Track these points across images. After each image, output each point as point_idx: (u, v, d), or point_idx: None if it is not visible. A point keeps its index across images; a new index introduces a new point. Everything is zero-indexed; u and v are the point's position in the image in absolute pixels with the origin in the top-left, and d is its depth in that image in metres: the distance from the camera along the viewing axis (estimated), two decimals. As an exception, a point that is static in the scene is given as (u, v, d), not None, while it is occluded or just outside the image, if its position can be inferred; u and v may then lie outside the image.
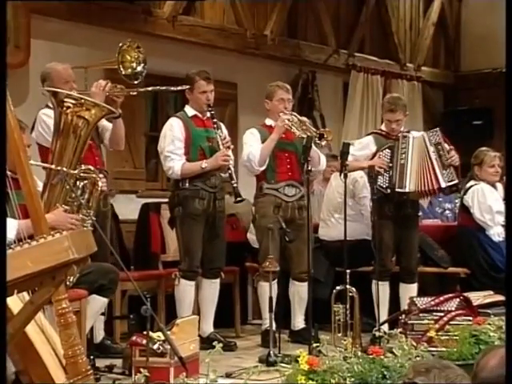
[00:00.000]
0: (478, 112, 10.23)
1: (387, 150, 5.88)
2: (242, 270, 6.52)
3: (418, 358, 3.90)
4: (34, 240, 2.61)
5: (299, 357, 3.38)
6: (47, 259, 2.57)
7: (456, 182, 5.84)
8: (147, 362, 3.64)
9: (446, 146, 5.84)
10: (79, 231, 2.88)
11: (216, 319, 5.77)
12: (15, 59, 6.04)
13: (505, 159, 5.84)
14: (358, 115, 9.09)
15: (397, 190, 5.74)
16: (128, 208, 6.73)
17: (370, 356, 3.77)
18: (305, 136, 5.47)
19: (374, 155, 5.91)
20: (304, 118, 5.75)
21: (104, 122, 5.32)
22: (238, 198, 5.45)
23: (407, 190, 5.75)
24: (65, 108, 4.09)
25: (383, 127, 6.04)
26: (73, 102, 4.11)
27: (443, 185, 5.78)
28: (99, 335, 5.19)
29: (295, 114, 5.78)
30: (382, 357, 3.79)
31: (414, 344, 4.03)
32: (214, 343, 3.25)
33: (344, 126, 9.03)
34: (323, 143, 5.51)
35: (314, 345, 3.80)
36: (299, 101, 8.42)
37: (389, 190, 5.76)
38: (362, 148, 5.97)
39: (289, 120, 5.63)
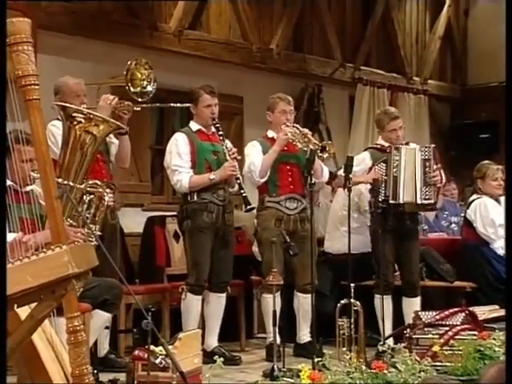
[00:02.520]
0: (484, 125, 10.22)
1: (382, 163, 5.88)
2: (247, 283, 6.51)
3: (422, 373, 3.89)
4: (34, 254, 2.62)
5: (301, 371, 3.37)
6: (47, 273, 2.57)
7: (431, 201, 5.82)
8: (148, 377, 3.63)
9: (434, 165, 5.83)
10: (80, 245, 2.86)
11: (221, 333, 5.76)
12: (22, 74, 6.06)
13: (505, 169, 5.82)
14: (364, 129, 9.09)
15: (391, 201, 5.73)
16: (133, 221, 6.73)
17: (373, 371, 3.75)
18: (307, 148, 5.49)
19: (370, 170, 5.93)
20: (306, 130, 5.75)
21: (112, 138, 5.35)
22: (249, 206, 5.46)
23: (401, 201, 5.74)
24: (75, 123, 4.11)
25: (380, 141, 6.05)
26: (82, 116, 4.13)
27: (419, 201, 5.77)
28: (103, 349, 5.20)
29: (297, 125, 5.79)
30: (386, 372, 3.78)
31: (418, 359, 4.01)
32: (215, 357, 3.24)
33: (350, 139, 9.03)
34: (325, 156, 5.51)
35: (316, 359, 3.78)
36: (305, 114, 8.44)
37: (385, 204, 5.75)
38: (359, 163, 5.95)
39: (291, 133, 5.64)
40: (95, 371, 4.53)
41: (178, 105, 5.57)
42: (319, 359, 3.70)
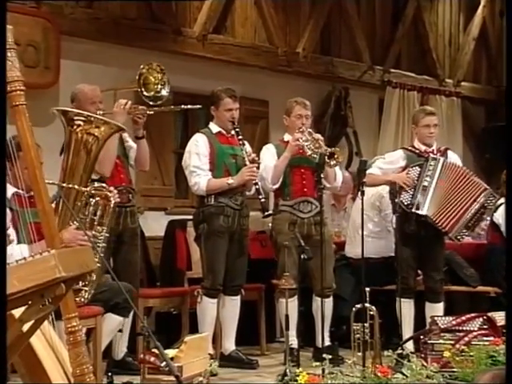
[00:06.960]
0: (520, 127, 10.04)
1: (417, 167, 5.80)
2: (269, 287, 6.50)
3: (428, 380, 3.86)
4: (22, 259, 2.65)
5: (298, 376, 3.36)
6: (33, 278, 2.58)
7: (456, 242, 5.87)
8: (144, 380, 3.66)
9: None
10: (73, 249, 2.90)
11: (242, 337, 5.77)
12: (45, 80, 6.17)
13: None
14: (393, 132, 9.00)
15: (413, 210, 5.67)
16: (156, 225, 6.78)
17: (376, 376, 3.72)
18: (316, 155, 5.47)
19: (403, 170, 5.86)
20: (318, 136, 5.72)
21: (130, 142, 5.40)
22: (266, 213, 5.46)
23: (424, 212, 5.68)
24: (75, 126, 4.16)
25: (416, 143, 5.97)
26: (82, 119, 4.18)
27: (450, 234, 5.72)
28: (121, 352, 5.24)
29: (311, 131, 5.75)
30: (390, 377, 3.75)
31: (425, 364, 3.97)
32: (210, 361, 3.24)
33: (379, 143, 8.95)
34: (332, 162, 5.47)
35: (313, 364, 3.77)
36: (332, 117, 8.39)
37: (408, 209, 5.69)
38: (392, 162, 5.93)
39: (301, 139, 5.62)
40: (110, 373, 4.59)
41: (189, 106, 5.60)
42: (316, 364, 3.68)
